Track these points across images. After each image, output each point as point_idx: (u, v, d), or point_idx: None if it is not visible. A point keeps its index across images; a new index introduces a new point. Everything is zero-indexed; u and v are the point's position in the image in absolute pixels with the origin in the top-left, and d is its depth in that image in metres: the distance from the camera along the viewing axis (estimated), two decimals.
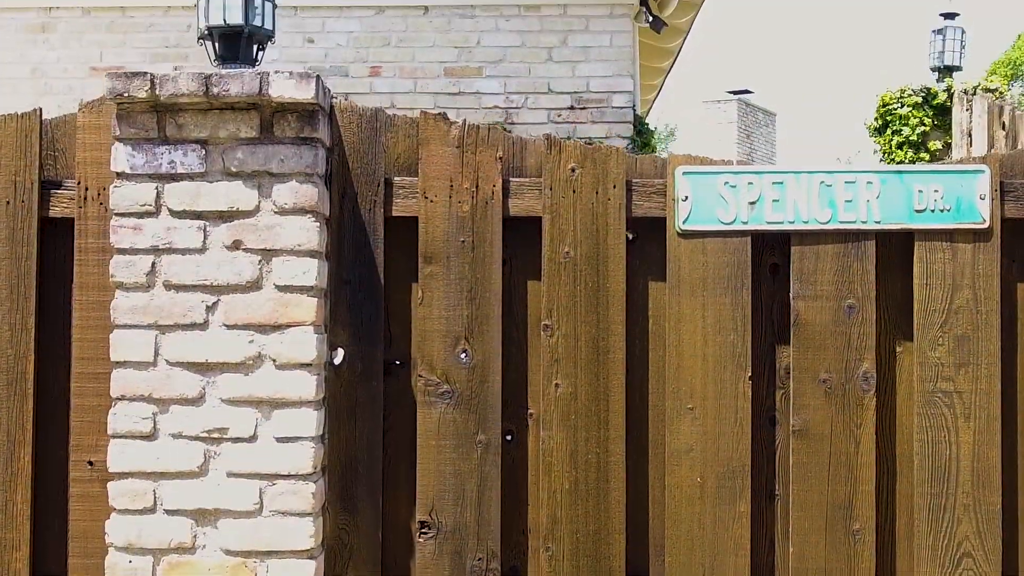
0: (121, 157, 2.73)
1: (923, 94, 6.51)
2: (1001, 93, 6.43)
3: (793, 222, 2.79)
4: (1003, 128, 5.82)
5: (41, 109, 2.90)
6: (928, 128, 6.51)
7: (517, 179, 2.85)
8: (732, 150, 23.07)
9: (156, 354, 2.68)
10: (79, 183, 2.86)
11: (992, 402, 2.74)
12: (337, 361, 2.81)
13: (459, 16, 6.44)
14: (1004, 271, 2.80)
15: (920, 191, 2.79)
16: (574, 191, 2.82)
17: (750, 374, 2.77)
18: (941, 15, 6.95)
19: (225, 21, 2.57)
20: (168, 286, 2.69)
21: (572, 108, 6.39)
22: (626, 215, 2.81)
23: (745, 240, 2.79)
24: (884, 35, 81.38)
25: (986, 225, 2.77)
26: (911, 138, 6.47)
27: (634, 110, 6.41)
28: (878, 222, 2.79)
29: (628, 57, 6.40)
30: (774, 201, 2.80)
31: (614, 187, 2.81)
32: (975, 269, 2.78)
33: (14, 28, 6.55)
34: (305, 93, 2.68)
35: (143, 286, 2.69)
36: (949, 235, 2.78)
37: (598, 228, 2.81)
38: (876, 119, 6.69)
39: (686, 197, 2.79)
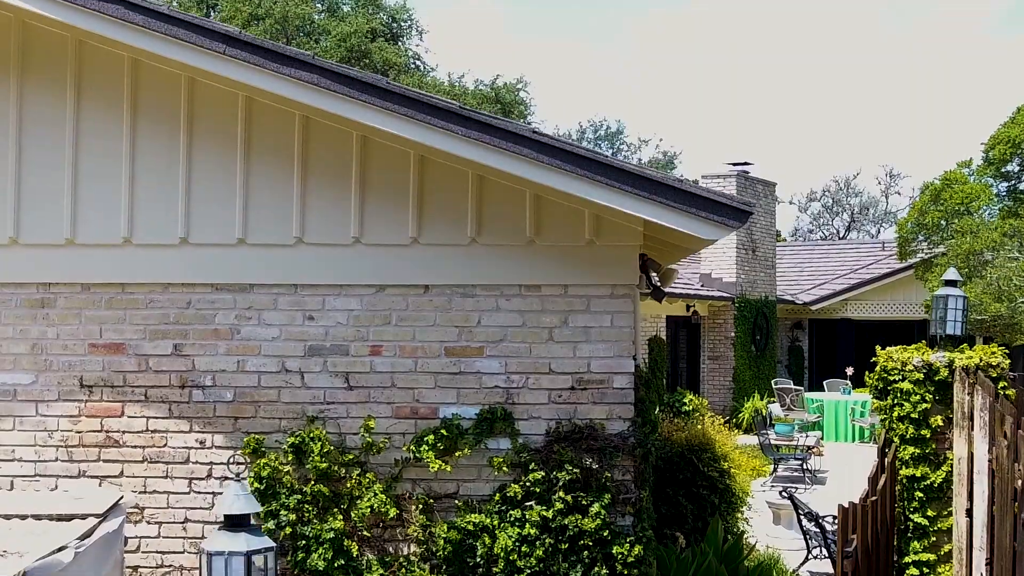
0: None
1: (924, 370, 6.49)
2: (1003, 368, 6.42)
3: None
4: (1005, 438, 5.82)
5: None
6: (929, 404, 6.50)
7: None
8: None
9: None
10: None
11: None
12: None
13: (460, 295, 6.43)
14: None
15: None
16: None
17: None
18: (944, 281, 6.96)
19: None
20: None
21: (573, 389, 6.37)
22: None
23: None
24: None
25: None
26: (912, 415, 6.46)
27: (635, 389, 6.40)
28: None
29: (628, 338, 6.38)
30: None
31: None
32: None
33: (14, 303, 6.51)
34: None
35: None
36: None
37: None
38: (877, 382, 6.68)
39: None
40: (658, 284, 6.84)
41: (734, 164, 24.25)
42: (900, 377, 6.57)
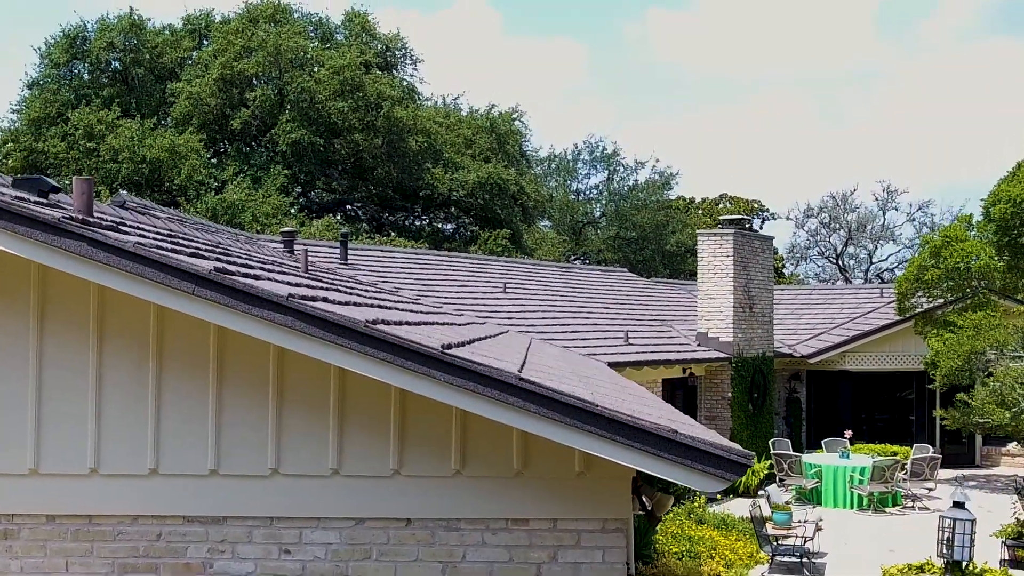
0: None
1: None
2: None
3: None
4: None
5: None
6: None
7: None
8: (728, 285, 22.79)
9: None
10: None
11: None
12: None
13: (443, 529, 6.13)
14: None
15: None
16: None
17: None
18: (954, 503, 6.67)
19: None
20: None
21: None
22: None
23: None
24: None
25: None
26: None
27: None
28: None
29: (621, 574, 6.09)
30: None
31: None
32: None
33: None
34: None
35: None
36: None
37: None
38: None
39: None
40: (651, 509, 6.54)
41: (730, 221, 23.99)
42: None
